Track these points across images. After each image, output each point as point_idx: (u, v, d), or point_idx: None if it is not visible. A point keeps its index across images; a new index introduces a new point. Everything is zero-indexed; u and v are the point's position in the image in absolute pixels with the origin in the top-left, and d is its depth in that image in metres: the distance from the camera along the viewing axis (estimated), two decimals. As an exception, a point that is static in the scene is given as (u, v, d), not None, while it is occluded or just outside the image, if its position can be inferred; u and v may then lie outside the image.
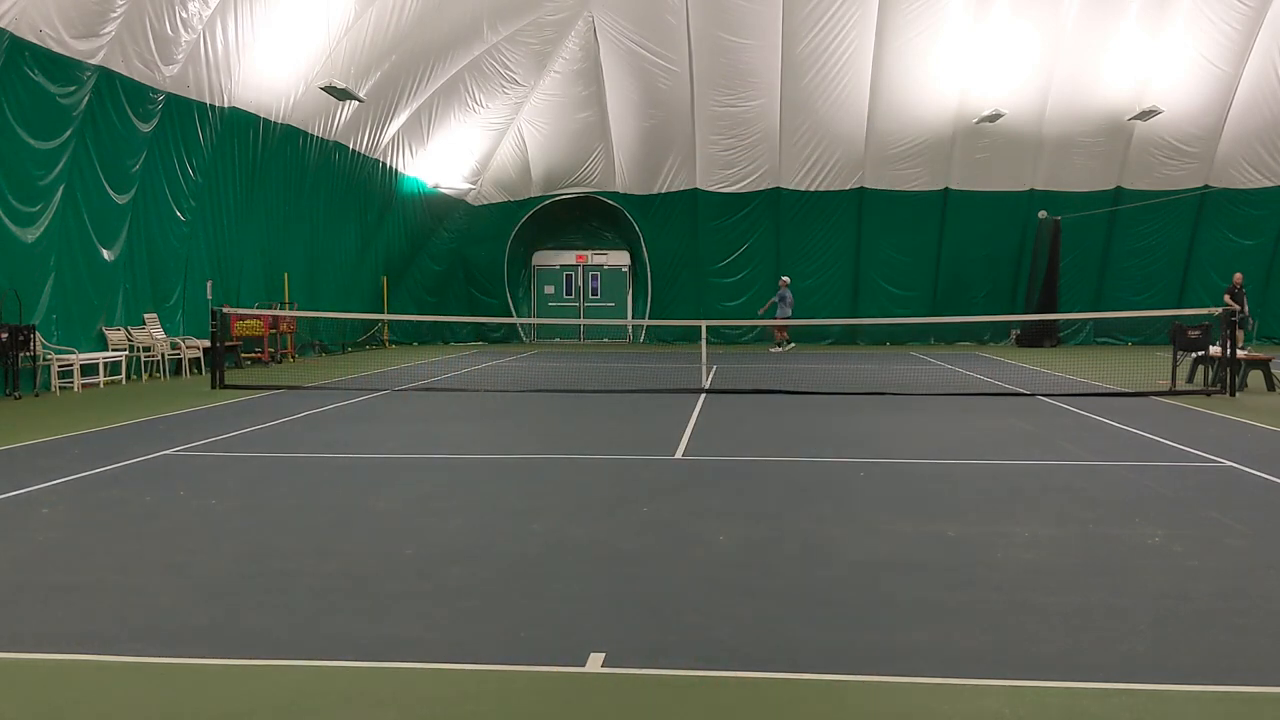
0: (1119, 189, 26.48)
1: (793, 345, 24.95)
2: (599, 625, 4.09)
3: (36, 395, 13.36)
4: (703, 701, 3.37)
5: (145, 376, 15.79)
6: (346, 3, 17.75)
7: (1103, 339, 27.34)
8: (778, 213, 26.92)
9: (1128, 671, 3.56)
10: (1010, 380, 15.55)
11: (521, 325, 28.97)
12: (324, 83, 18.57)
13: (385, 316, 23.91)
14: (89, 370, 14.50)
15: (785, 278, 24.80)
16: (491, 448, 8.90)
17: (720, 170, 26.75)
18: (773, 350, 23.97)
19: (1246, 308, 20.40)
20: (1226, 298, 20.38)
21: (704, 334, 15.63)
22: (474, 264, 28.04)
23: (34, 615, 4.24)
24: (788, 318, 23.97)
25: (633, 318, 28.68)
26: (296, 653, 3.78)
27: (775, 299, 24.47)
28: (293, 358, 20.59)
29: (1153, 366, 16.73)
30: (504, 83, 24.35)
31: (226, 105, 17.14)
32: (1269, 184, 25.97)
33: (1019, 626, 4.05)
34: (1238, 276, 20.88)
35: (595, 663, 3.65)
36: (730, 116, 25.71)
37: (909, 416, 11.08)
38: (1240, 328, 19.96)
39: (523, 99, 25.38)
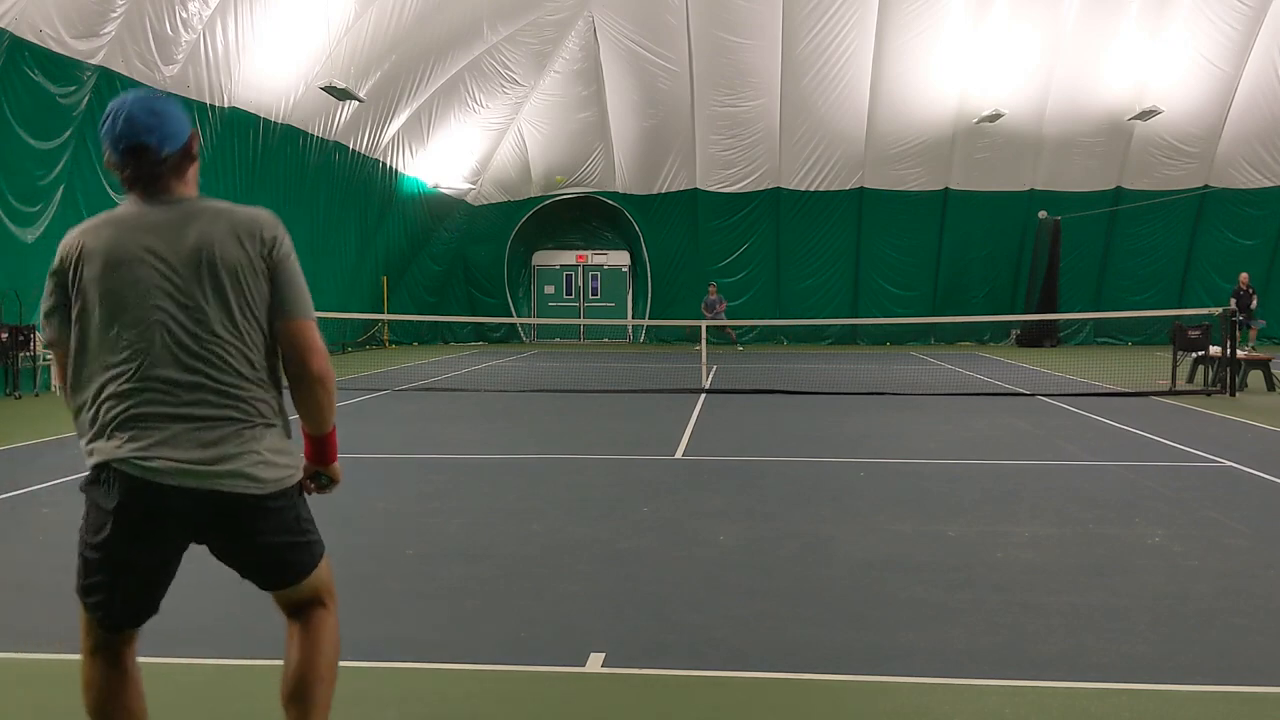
0: (1119, 189, 26.47)
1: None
2: (599, 625, 4.09)
3: (37, 395, 13.36)
4: (703, 701, 3.37)
5: (145, 376, 15.78)
6: (346, 3, 17.75)
7: (1103, 339, 27.34)
8: (778, 213, 26.92)
9: (1128, 671, 3.56)
10: (1010, 380, 15.55)
11: (521, 325, 28.96)
12: (324, 83, 18.57)
13: (385, 316, 23.90)
14: (89, 370, 14.47)
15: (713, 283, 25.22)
16: (491, 448, 8.90)
17: (720, 170, 26.75)
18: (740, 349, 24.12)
19: (1255, 303, 20.37)
20: (1232, 302, 20.35)
21: (704, 334, 15.64)
22: (474, 264, 28.04)
23: (34, 615, 4.23)
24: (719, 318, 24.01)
25: (633, 318, 28.68)
26: (296, 653, 3.77)
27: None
28: (293, 358, 20.56)
29: (1153, 366, 16.73)
30: (504, 83, 24.34)
31: (226, 105, 17.13)
32: (1269, 184, 25.97)
33: (1019, 626, 4.05)
34: (1243, 276, 20.86)
35: (595, 663, 3.65)
36: (730, 116, 25.70)
37: (909, 416, 11.08)
38: (1242, 328, 19.96)
39: (523, 99, 25.37)
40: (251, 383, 2.38)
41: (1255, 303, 20.55)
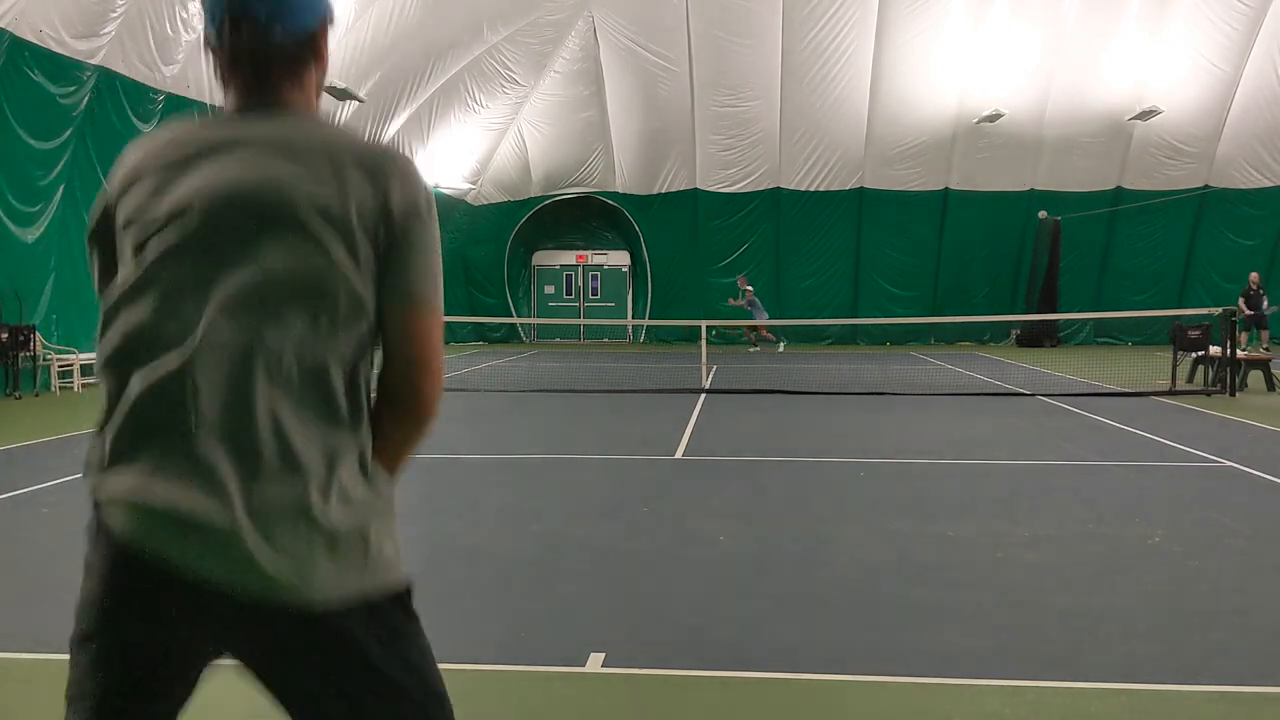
0: (1119, 189, 26.47)
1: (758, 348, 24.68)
2: (599, 625, 4.09)
3: (36, 395, 13.36)
4: (703, 701, 3.37)
5: (145, 376, 15.79)
6: (346, 3, 17.75)
7: (1103, 339, 27.34)
8: (778, 213, 26.92)
9: (1128, 671, 3.56)
10: (1010, 380, 15.55)
11: (521, 325, 28.96)
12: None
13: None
14: (89, 370, 14.51)
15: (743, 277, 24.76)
16: (491, 448, 8.90)
17: (720, 170, 26.75)
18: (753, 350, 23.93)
19: (1266, 304, 20.30)
20: (1241, 302, 20.26)
21: (704, 334, 15.64)
22: (474, 264, 28.04)
23: (35, 615, 4.23)
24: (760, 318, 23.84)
25: (633, 318, 28.69)
26: (296, 653, 3.77)
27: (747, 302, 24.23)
28: (293, 358, 20.55)
29: (1153, 366, 16.73)
30: (504, 83, 24.34)
31: (227, 105, 17.13)
32: (1269, 184, 25.97)
33: (1019, 626, 4.05)
34: (1253, 276, 20.79)
35: (595, 663, 3.65)
36: (730, 116, 25.70)
37: (909, 416, 11.08)
38: (1253, 329, 19.90)
39: (523, 99, 25.37)
40: (339, 421, 1.51)
41: (1267, 303, 20.43)
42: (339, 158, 1.55)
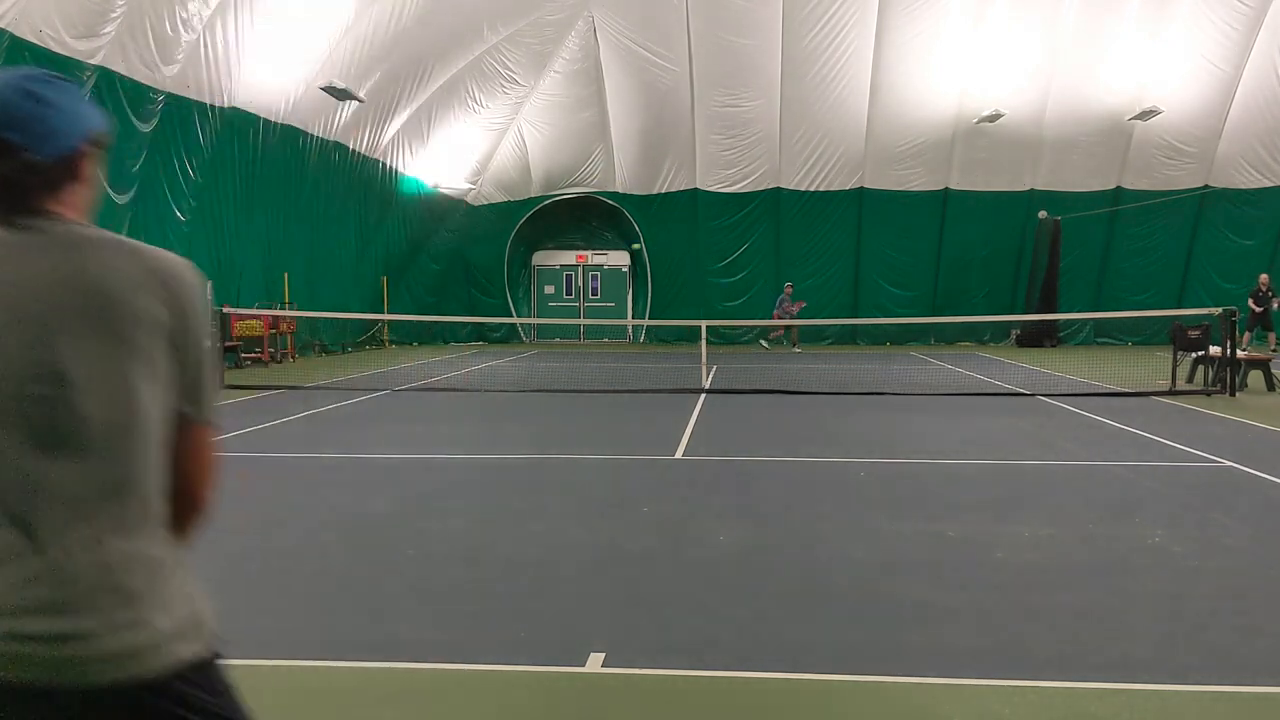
0: (1119, 189, 26.47)
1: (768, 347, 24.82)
2: (599, 625, 4.09)
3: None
4: (703, 701, 3.37)
5: (145, 376, 15.76)
6: (346, 3, 17.75)
7: (1103, 339, 27.33)
8: (778, 213, 26.92)
9: (1128, 671, 3.56)
10: (1010, 380, 15.55)
11: (521, 325, 28.96)
12: (324, 83, 18.57)
13: (385, 316, 23.89)
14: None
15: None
16: (491, 448, 8.90)
17: (720, 170, 26.75)
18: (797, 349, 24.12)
19: (1277, 304, 20.36)
20: (1250, 302, 20.29)
21: (704, 334, 15.63)
22: (474, 264, 28.04)
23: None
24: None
25: (633, 318, 28.68)
26: (296, 653, 3.78)
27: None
28: (293, 358, 20.57)
29: (1153, 366, 16.72)
30: (504, 83, 24.35)
31: (226, 105, 17.13)
32: (1269, 184, 25.97)
33: (1019, 626, 4.05)
34: (1263, 278, 20.82)
35: (595, 663, 3.65)
36: (730, 116, 25.70)
37: (909, 416, 11.08)
38: (1259, 331, 19.93)
39: (523, 99, 25.38)
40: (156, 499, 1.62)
41: (1278, 304, 20.48)
42: (142, 263, 1.55)
